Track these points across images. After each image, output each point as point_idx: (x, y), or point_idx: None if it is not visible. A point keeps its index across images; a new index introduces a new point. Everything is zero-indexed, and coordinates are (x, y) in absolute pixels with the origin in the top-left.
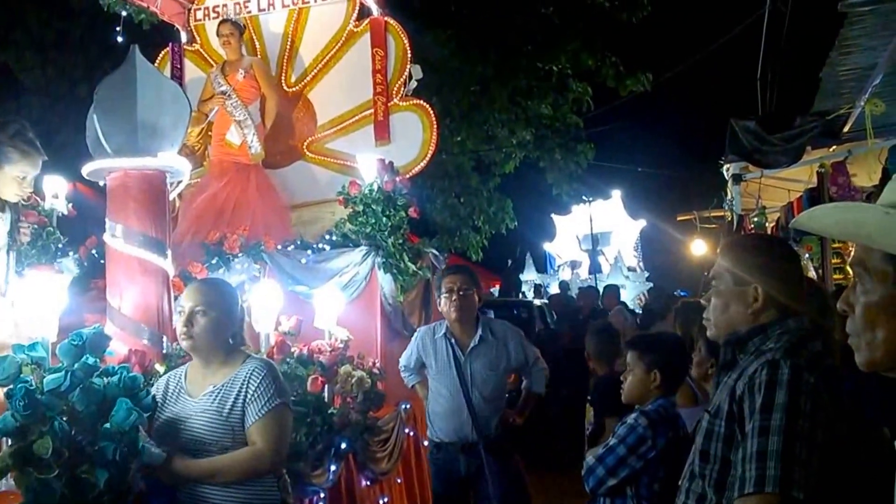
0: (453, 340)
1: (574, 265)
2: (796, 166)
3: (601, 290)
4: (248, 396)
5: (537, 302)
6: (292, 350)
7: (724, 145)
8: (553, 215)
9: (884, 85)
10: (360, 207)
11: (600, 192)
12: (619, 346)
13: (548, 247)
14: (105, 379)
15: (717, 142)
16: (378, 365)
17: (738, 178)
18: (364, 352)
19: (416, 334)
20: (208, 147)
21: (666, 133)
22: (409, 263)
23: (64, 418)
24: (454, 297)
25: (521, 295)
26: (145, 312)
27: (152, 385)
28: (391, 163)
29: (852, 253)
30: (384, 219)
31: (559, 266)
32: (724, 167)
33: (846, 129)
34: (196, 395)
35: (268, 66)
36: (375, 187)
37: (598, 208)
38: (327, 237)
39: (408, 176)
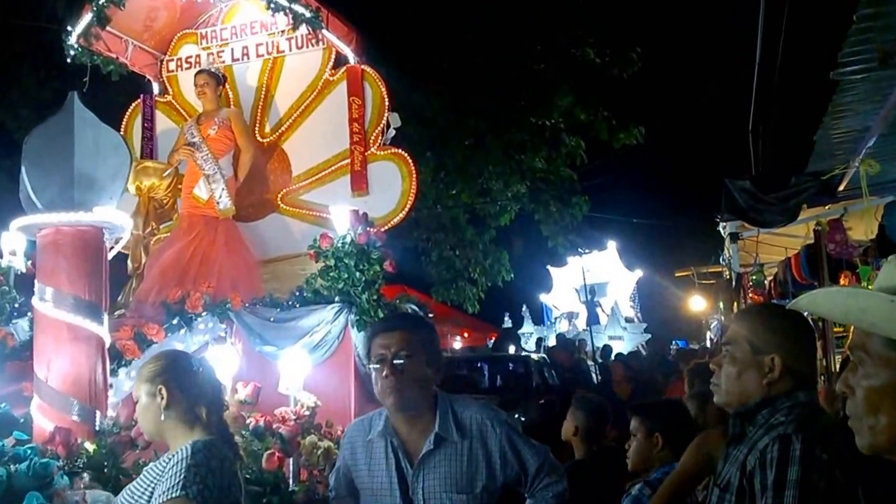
0: (395, 442)
1: (571, 316)
2: (794, 224)
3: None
4: (158, 482)
5: (535, 356)
6: (248, 421)
7: (719, 199)
8: (549, 267)
9: (877, 146)
10: (332, 262)
11: (596, 242)
12: (607, 426)
13: (544, 298)
14: (13, 467)
15: (711, 194)
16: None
17: (735, 237)
18: (336, 417)
19: (345, 434)
20: (178, 200)
21: (660, 186)
22: None
23: None
24: (386, 372)
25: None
26: (75, 384)
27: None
28: (365, 214)
29: (850, 336)
30: (357, 273)
31: (556, 318)
32: (721, 225)
33: (841, 187)
34: None
35: (244, 117)
36: (348, 240)
37: (594, 259)
38: (297, 294)
39: (387, 227)
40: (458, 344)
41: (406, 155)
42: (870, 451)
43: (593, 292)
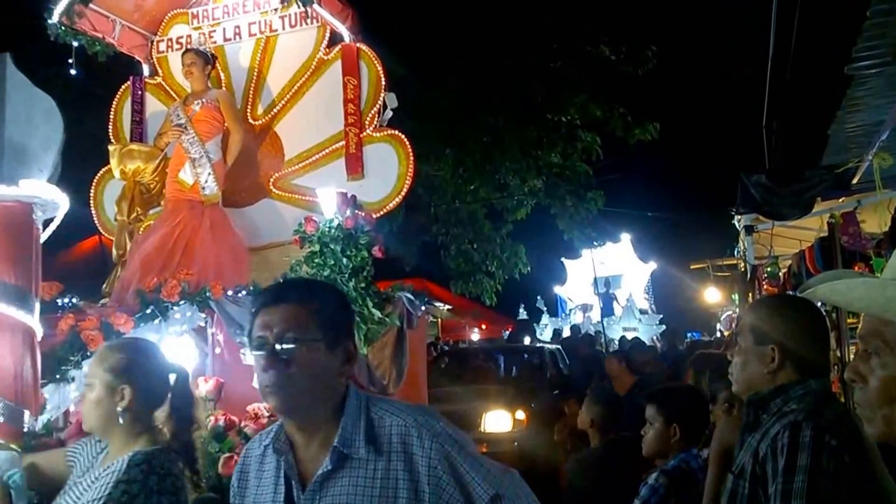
0: (289, 460)
1: (585, 308)
2: (807, 217)
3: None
4: (87, 492)
5: (550, 346)
6: (208, 420)
7: (733, 191)
8: (564, 259)
9: (891, 139)
10: (317, 247)
11: (610, 235)
12: (621, 415)
13: (559, 290)
14: None
15: (726, 187)
16: None
17: (750, 230)
18: None
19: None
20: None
21: (675, 180)
22: (374, 310)
23: None
24: (264, 363)
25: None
26: None
27: None
28: (354, 196)
29: (862, 324)
30: (344, 260)
31: (571, 310)
32: (736, 218)
33: (855, 180)
34: None
35: (234, 99)
36: (335, 224)
37: (608, 252)
38: (281, 281)
39: (383, 212)
40: (476, 335)
41: (403, 136)
42: (881, 440)
43: (608, 284)
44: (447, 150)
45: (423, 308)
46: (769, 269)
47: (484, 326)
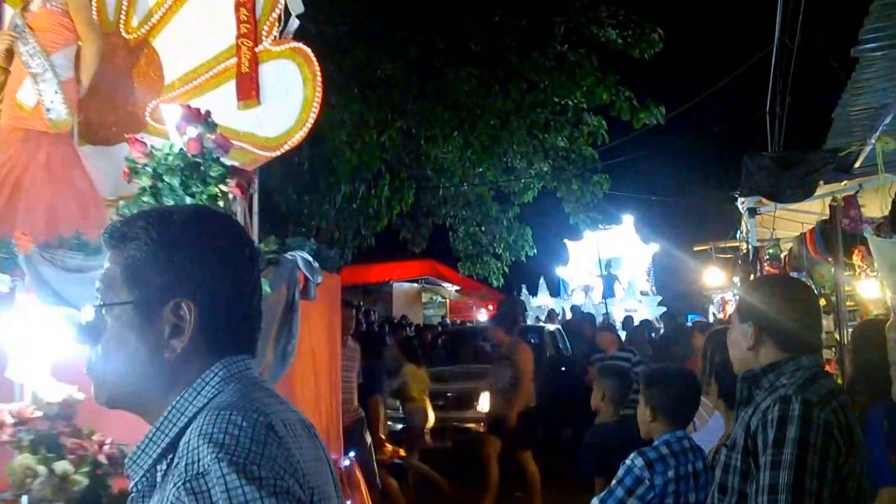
0: None
1: (587, 289)
2: (809, 200)
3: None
4: None
5: (550, 327)
6: None
7: (735, 174)
8: (566, 240)
9: (894, 123)
10: (146, 180)
11: (612, 217)
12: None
13: (560, 271)
14: None
15: (729, 170)
16: (112, 446)
17: (753, 212)
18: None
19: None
20: None
21: (679, 163)
22: None
23: None
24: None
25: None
26: None
27: None
28: (208, 112)
29: None
30: (188, 198)
31: (572, 290)
32: (740, 201)
33: (857, 164)
34: None
35: (103, 7)
36: (176, 150)
37: (610, 233)
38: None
39: (286, 148)
40: (483, 316)
41: (308, 51)
42: None
43: (609, 265)
44: (455, 132)
45: (323, 272)
46: (771, 251)
47: (491, 307)
